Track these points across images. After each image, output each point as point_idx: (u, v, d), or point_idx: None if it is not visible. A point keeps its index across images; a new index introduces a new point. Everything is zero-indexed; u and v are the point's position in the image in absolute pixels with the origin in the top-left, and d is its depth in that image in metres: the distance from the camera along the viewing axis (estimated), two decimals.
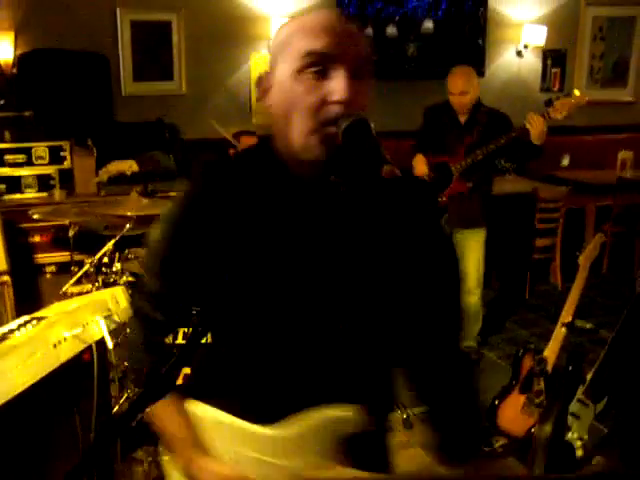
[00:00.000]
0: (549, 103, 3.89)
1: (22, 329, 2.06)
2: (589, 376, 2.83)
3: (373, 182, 1.16)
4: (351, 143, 1.12)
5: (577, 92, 3.94)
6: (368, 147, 1.11)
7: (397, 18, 6.29)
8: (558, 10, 6.77)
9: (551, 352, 3.09)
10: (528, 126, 3.86)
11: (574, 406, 2.80)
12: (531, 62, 6.82)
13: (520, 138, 3.93)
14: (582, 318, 3.06)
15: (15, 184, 4.57)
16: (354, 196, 1.24)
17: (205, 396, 1.38)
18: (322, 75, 1.18)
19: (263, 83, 1.26)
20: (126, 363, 2.34)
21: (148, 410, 1.23)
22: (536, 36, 6.58)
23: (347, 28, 1.21)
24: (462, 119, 4.19)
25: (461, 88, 4.09)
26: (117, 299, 2.30)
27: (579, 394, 2.81)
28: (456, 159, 4.11)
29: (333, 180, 1.21)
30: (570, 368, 2.85)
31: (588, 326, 2.98)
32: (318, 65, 1.17)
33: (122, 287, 2.49)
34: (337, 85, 1.17)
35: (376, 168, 1.08)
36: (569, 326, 3.03)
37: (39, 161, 4.61)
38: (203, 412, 1.37)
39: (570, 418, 2.73)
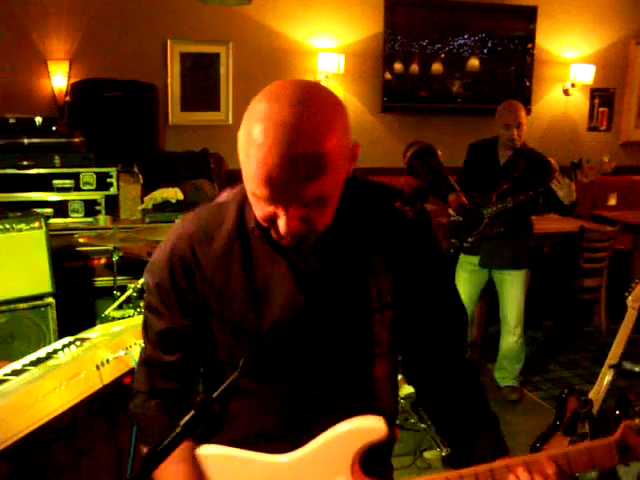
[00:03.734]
0: (578, 165, 3.83)
1: (66, 349, 2.08)
2: (637, 420, 2.74)
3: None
4: (415, 168, 1.11)
5: (606, 158, 3.89)
6: (431, 172, 1.09)
7: (443, 55, 6.31)
8: (607, 49, 6.72)
9: (596, 394, 3.00)
10: (555, 188, 3.79)
11: None
12: (578, 101, 6.77)
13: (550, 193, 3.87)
14: (630, 360, 2.97)
15: (62, 208, 4.65)
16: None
17: (210, 436, 1.36)
18: (267, 203, 1.16)
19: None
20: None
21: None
22: (584, 75, 6.53)
23: (293, 169, 1.09)
24: (502, 159, 4.12)
25: (519, 119, 4.04)
26: None
27: None
28: (489, 202, 3.98)
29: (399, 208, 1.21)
30: (618, 412, 2.77)
31: (637, 369, 2.88)
32: (262, 201, 1.16)
33: None
34: (280, 222, 1.16)
35: (440, 192, 1.06)
36: (616, 368, 2.95)
37: (86, 186, 4.69)
38: (207, 451, 1.34)
39: None
